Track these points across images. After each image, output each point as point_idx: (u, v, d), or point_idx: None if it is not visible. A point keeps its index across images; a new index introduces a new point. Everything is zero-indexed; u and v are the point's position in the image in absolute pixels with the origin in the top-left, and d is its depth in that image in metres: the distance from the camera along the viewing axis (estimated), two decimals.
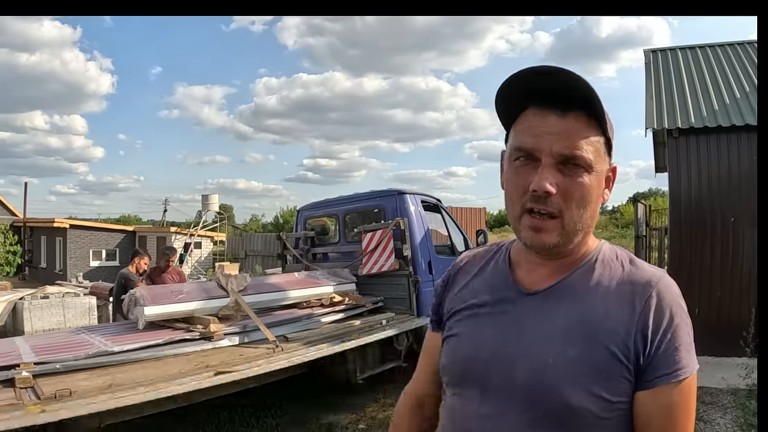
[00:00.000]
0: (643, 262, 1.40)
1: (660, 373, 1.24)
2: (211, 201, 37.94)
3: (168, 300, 6.00)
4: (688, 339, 1.29)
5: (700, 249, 9.50)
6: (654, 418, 1.25)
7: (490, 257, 1.58)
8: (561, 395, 1.24)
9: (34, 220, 37.92)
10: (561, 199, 1.28)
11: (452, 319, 1.53)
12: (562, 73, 1.28)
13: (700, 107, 10.03)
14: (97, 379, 4.56)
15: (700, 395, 7.43)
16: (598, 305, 1.31)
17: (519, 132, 1.34)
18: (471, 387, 1.39)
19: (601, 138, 1.35)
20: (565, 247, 1.35)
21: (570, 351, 1.27)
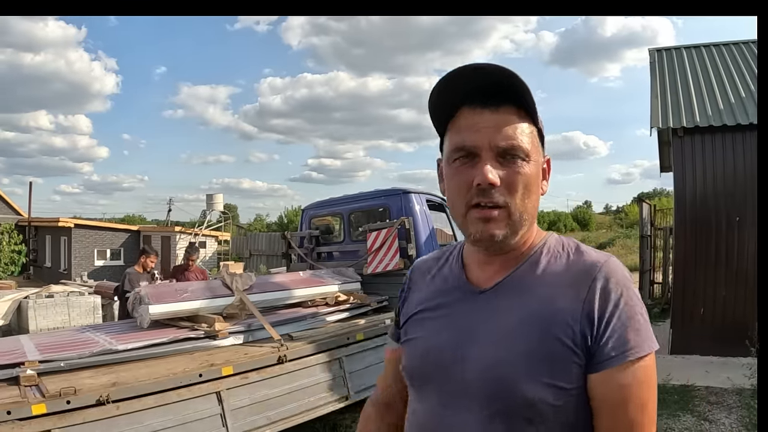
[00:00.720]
0: (589, 249, 1.42)
1: (609, 356, 1.23)
2: (215, 200, 38.01)
3: (172, 298, 5.99)
4: (638, 319, 1.27)
5: (705, 248, 9.49)
6: (606, 400, 1.25)
7: (444, 260, 1.60)
8: (517, 389, 1.25)
9: (38, 219, 37.99)
10: (505, 190, 1.30)
11: (409, 324, 1.55)
12: (492, 69, 1.29)
13: (705, 106, 10.03)
14: (102, 378, 4.55)
15: (706, 395, 7.44)
16: (545, 296, 1.32)
17: (456, 132, 1.36)
18: (430, 388, 1.41)
19: (534, 129, 1.37)
20: (512, 239, 1.35)
21: (522, 345, 1.28)
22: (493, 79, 1.29)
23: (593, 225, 63.85)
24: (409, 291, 1.64)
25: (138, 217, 76.62)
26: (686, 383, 7.89)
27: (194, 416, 4.61)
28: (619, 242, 34.49)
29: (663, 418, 6.75)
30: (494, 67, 1.29)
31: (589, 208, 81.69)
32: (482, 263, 1.45)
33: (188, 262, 9.73)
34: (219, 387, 4.82)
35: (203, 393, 4.66)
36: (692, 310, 9.57)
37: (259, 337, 6.02)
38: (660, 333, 11.01)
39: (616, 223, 59.40)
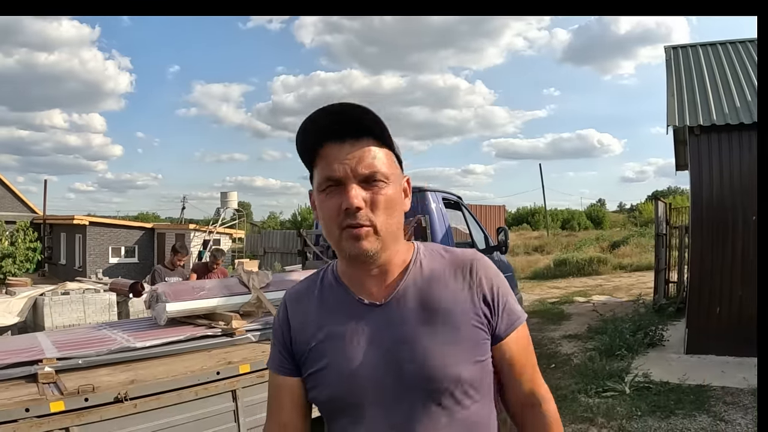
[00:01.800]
0: (453, 248, 1.74)
1: (509, 323, 1.63)
2: (229, 198, 38.04)
3: (190, 296, 5.99)
4: (511, 294, 1.67)
5: (721, 248, 9.44)
6: (514, 356, 1.64)
7: (319, 286, 1.72)
8: (451, 374, 1.50)
9: (53, 217, 38.19)
10: (370, 211, 1.49)
11: (312, 354, 1.63)
12: (349, 107, 1.47)
13: (721, 104, 9.97)
14: (120, 375, 4.56)
15: (722, 395, 7.42)
16: (442, 292, 1.59)
17: (323, 165, 1.52)
18: (370, 405, 1.54)
19: (392, 154, 1.58)
20: (384, 252, 1.55)
21: (439, 336, 1.53)
22: (351, 116, 1.48)
23: (607, 223, 63.57)
24: (294, 322, 1.71)
25: (152, 214, 76.84)
26: (702, 383, 7.85)
27: (208, 413, 4.62)
28: (633, 241, 34.21)
29: (679, 418, 6.74)
30: (351, 105, 1.47)
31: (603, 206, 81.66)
32: (364, 280, 1.61)
33: (214, 264, 10.00)
34: (235, 385, 4.82)
35: (220, 391, 4.66)
36: (708, 310, 9.51)
37: None
38: (676, 332, 11.00)
39: (630, 222, 59.11)
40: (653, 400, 7.30)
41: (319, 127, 1.51)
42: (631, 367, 8.90)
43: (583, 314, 14.87)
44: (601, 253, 31.38)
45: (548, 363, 9.81)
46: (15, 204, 43.58)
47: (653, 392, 7.63)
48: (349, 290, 1.63)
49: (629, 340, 10.08)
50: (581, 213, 68.39)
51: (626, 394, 7.61)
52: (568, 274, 26.36)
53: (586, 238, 41.92)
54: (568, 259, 28.12)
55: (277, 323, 1.76)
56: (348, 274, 1.65)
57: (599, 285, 22.12)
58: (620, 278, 24.37)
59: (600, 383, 8.03)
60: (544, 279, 25.84)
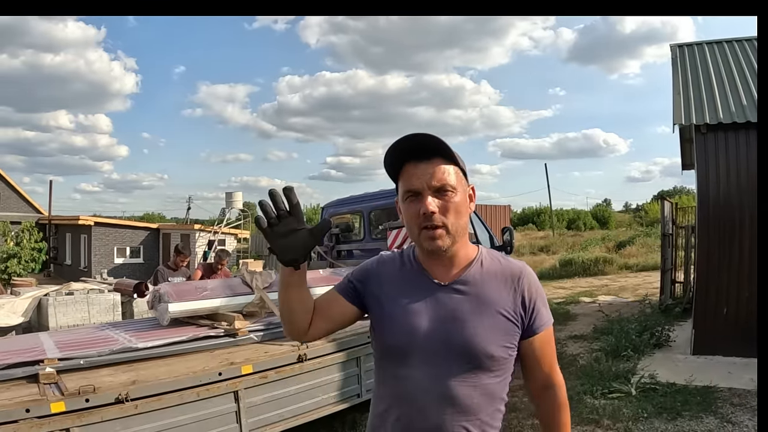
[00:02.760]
0: (509, 258, 2.15)
1: (539, 324, 2.05)
2: (235, 199, 38.07)
3: (192, 297, 5.97)
4: (545, 302, 2.10)
5: (728, 247, 9.36)
6: (540, 349, 2.08)
7: (403, 261, 2.15)
8: (486, 350, 1.94)
9: (59, 217, 38.23)
10: (442, 215, 1.93)
11: (383, 303, 2.07)
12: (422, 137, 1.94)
13: (728, 103, 9.91)
14: (122, 375, 4.55)
15: (729, 397, 7.37)
16: (493, 288, 2.02)
17: (405, 180, 1.98)
18: (419, 355, 1.96)
19: (458, 169, 2.01)
20: (453, 247, 1.99)
21: (485, 320, 1.96)
22: (425, 142, 1.94)
23: (613, 223, 63.41)
24: (378, 275, 2.14)
25: (157, 215, 76.85)
26: (709, 384, 7.79)
27: (210, 414, 4.60)
28: (639, 241, 34.10)
29: (686, 420, 6.68)
30: (424, 135, 1.94)
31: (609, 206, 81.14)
32: (436, 265, 2.05)
33: (219, 265, 9.99)
34: (237, 386, 4.81)
35: (222, 392, 4.64)
36: (715, 310, 9.43)
37: (279, 336, 5.99)
38: (682, 333, 10.93)
39: (636, 222, 59.02)
40: (660, 402, 7.24)
41: (401, 150, 1.96)
42: (637, 368, 8.84)
43: (589, 314, 14.81)
44: (607, 253, 31.30)
45: None
46: (20, 204, 43.67)
47: (659, 393, 7.57)
48: (423, 269, 2.07)
49: (635, 340, 10.02)
50: (587, 213, 68.29)
51: (632, 395, 7.56)
52: (574, 274, 26.29)
53: (592, 238, 41.85)
54: (573, 259, 28.06)
55: (364, 268, 2.20)
56: (423, 259, 2.08)
57: (605, 285, 22.04)
58: (626, 278, 24.28)
59: (606, 384, 7.97)
60: (549, 279, 25.74)
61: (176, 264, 9.64)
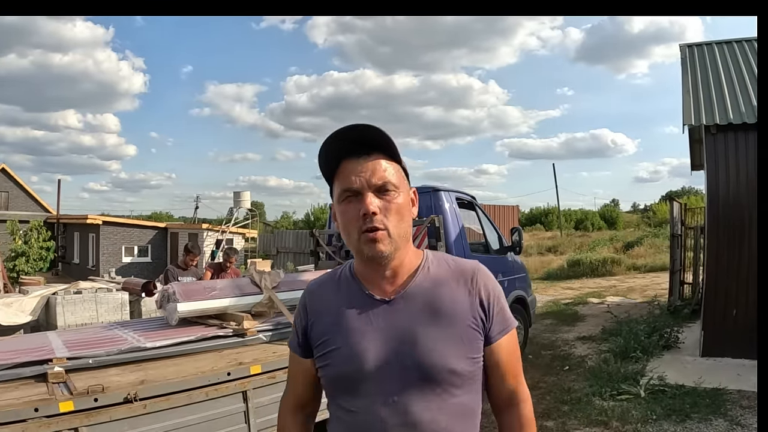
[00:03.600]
0: (458, 258, 1.97)
1: (500, 329, 1.85)
2: (242, 198, 38.09)
3: (201, 296, 5.97)
4: (505, 303, 1.90)
5: (737, 249, 9.33)
6: (501, 359, 1.86)
7: (337, 282, 1.95)
8: (446, 365, 1.73)
9: (67, 216, 38.40)
10: (384, 216, 1.73)
11: (326, 339, 1.87)
12: (362, 128, 1.75)
13: (738, 103, 9.87)
14: (130, 375, 4.54)
15: (738, 399, 7.34)
16: (445, 295, 1.81)
17: (342, 178, 1.78)
18: (371, 384, 1.76)
19: (399, 167, 1.83)
20: (396, 253, 1.79)
21: (441, 333, 1.76)
22: (363, 136, 1.76)
23: (621, 224, 63.31)
24: (312, 312, 1.95)
25: (165, 214, 77.06)
26: (718, 386, 7.76)
27: (219, 414, 4.59)
28: (648, 241, 34.00)
29: (695, 422, 6.66)
30: (363, 126, 1.75)
31: (617, 206, 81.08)
32: (378, 279, 1.84)
33: (228, 263, 10.00)
34: (246, 386, 4.79)
35: (231, 392, 4.63)
36: (724, 312, 9.40)
37: (288, 336, 5.97)
38: (691, 335, 10.91)
39: (644, 222, 58.91)
40: (669, 404, 7.22)
41: (336, 147, 1.77)
42: (646, 369, 8.82)
43: (597, 315, 14.78)
44: (615, 253, 31.24)
45: (562, 365, 9.75)
46: (29, 203, 43.93)
47: (668, 395, 7.55)
48: (362, 286, 1.86)
49: (644, 342, 10.00)
50: (595, 213, 68.23)
51: (641, 397, 7.54)
52: (582, 275, 26.26)
53: (600, 238, 41.76)
54: (581, 260, 28.02)
55: (298, 309, 2.01)
56: (363, 273, 1.87)
57: (613, 286, 22.00)
58: (634, 279, 24.23)
59: (615, 386, 7.95)
60: (557, 280, 25.76)
61: (186, 263, 9.64)
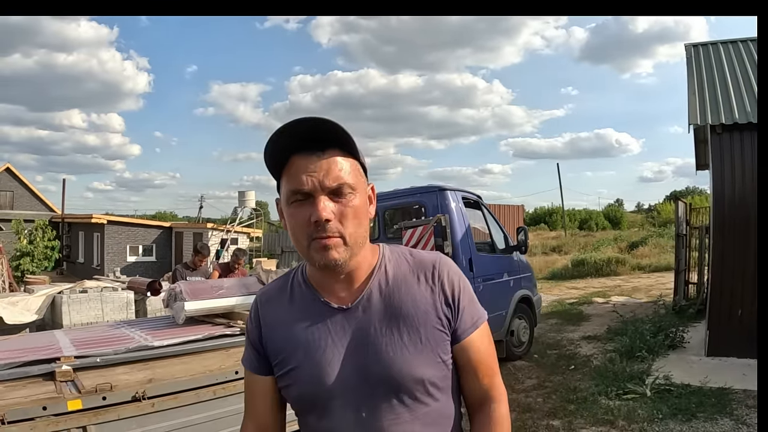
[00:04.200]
0: (419, 251, 1.81)
1: (467, 326, 1.69)
2: (247, 197, 38.12)
3: (208, 295, 5.98)
4: (473, 295, 1.75)
5: (743, 249, 9.30)
6: (473, 357, 1.70)
7: (290, 290, 1.79)
8: (413, 374, 1.59)
9: (72, 216, 38.49)
10: (338, 223, 1.55)
11: (284, 355, 1.71)
12: (314, 120, 1.55)
13: (743, 102, 9.86)
14: (138, 374, 4.55)
15: (744, 398, 7.34)
16: (405, 295, 1.66)
17: (291, 177, 1.58)
18: (337, 402, 1.63)
19: (357, 164, 1.64)
20: (352, 260, 1.62)
21: (403, 338, 1.61)
22: (317, 129, 1.55)
23: (625, 223, 63.18)
24: (265, 324, 1.78)
25: (170, 213, 77.13)
26: (723, 386, 7.76)
27: (226, 413, 4.60)
28: (652, 241, 33.98)
29: (701, 421, 6.66)
30: (316, 119, 1.55)
31: (621, 206, 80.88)
32: (333, 284, 1.69)
33: (236, 264, 10.02)
34: None
35: (238, 390, 4.62)
36: (729, 312, 9.40)
37: None
38: (696, 334, 10.90)
39: (648, 222, 58.80)
40: (674, 403, 7.23)
41: (286, 140, 1.57)
42: (651, 369, 8.83)
43: (602, 315, 14.79)
44: (620, 253, 31.23)
45: (568, 364, 9.75)
46: (34, 203, 44.03)
47: (674, 395, 7.56)
48: (317, 293, 1.71)
49: (649, 341, 10.00)
50: (599, 213, 68.05)
51: (647, 396, 7.54)
52: (586, 275, 26.26)
53: (604, 238, 41.72)
54: (586, 260, 28.00)
55: (249, 323, 1.84)
56: (317, 279, 1.72)
57: (618, 286, 22.00)
58: (639, 279, 24.24)
59: (620, 385, 7.96)
60: (562, 279, 25.77)
61: (195, 263, 9.69)
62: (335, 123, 1.56)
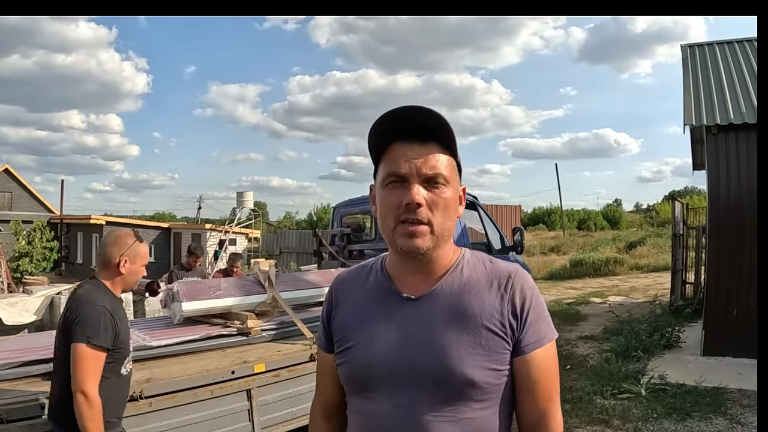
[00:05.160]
0: (498, 260, 1.78)
1: (531, 341, 1.63)
2: (245, 198, 38.04)
3: (205, 296, 6.00)
4: (546, 314, 1.70)
5: (739, 249, 9.34)
6: (531, 375, 1.64)
7: (366, 274, 1.84)
8: (464, 374, 1.56)
9: (70, 216, 38.48)
10: (428, 210, 1.59)
11: (345, 333, 1.77)
12: (420, 110, 1.59)
13: (739, 103, 9.89)
14: (135, 373, 4.55)
15: (739, 398, 7.36)
16: (474, 298, 1.65)
17: (389, 161, 1.63)
18: (382, 387, 1.65)
19: (453, 161, 1.67)
20: (435, 251, 1.64)
21: (461, 338, 1.60)
22: (421, 120, 1.60)
23: (623, 223, 63.14)
24: (337, 303, 1.85)
25: (168, 214, 76.94)
26: (719, 385, 7.80)
27: (223, 412, 4.63)
28: (650, 241, 33.96)
29: (695, 421, 6.70)
30: (420, 108, 1.59)
31: (620, 206, 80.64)
32: (408, 274, 1.72)
33: (233, 268, 10.05)
34: (250, 384, 4.84)
35: (235, 390, 4.68)
36: (725, 312, 9.43)
37: (291, 335, 6.03)
38: (692, 334, 10.93)
39: (647, 222, 58.78)
40: (669, 402, 7.27)
41: (390, 126, 1.62)
42: (647, 368, 8.86)
43: (600, 315, 14.81)
44: (618, 253, 31.22)
45: (564, 364, 9.75)
46: (32, 204, 43.94)
47: (669, 394, 7.60)
48: (390, 281, 1.74)
49: (645, 341, 10.04)
50: (597, 213, 68.00)
51: (642, 395, 7.58)
52: (584, 275, 26.26)
53: (603, 238, 41.70)
54: (584, 260, 28.02)
55: (324, 304, 1.92)
56: (393, 267, 1.76)
57: (615, 286, 22.02)
58: (637, 279, 24.25)
59: (616, 385, 7.98)
60: (560, 279, 25.76)
61: (189, 264, 9.70)
62: (439, 115, 1.60)
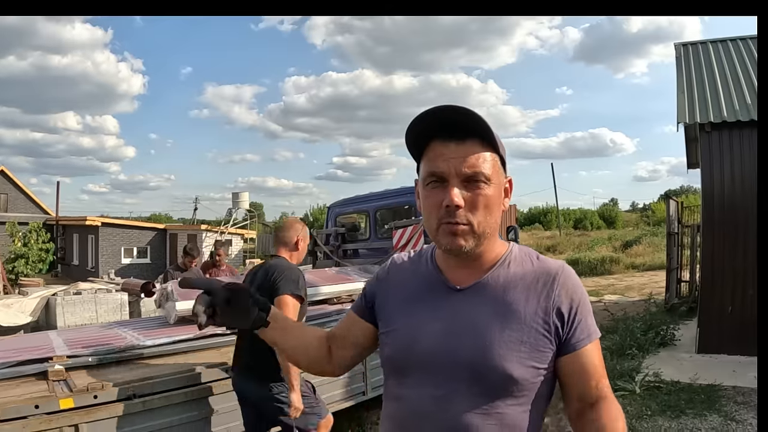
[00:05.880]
0: (546, 257, 1.80)
1: (580, 338, 1.65)
2: (241, 199, 38.13)
3: None
4: (591, 311, 1.73)
5: (733, 246, 9.35)
6: (580, 371, 1.65)
7: (418, 262, 1.88)
8: (503, 369, 1.57)
9: (66, 218, 38.48)
10: (468, 211, 1.60)
11: (389, 313, 1.82)
12: (458, 109, 1.60)
13: (732, 101, 9.89)
14: (129, 373, 4.58)
15: (733, 395, 7.36)
16: (519, 294, 1.66)
17: (429, 161, 1.66)
18: (420, 373, 1.67)
19: (496, 156, 1.68)
20: (477, 249, 1.67)
21: (504, 332, 1.61)
22: (459, 118, 1.61)
23: (620, 223, 63.27)
24: (387, 281, 1.91)
25: (164, 215, 77.05)
26: (713, 383, 7.80)
27: (217, 411, 4.64)
28: (646, 240, 34.06)
29: (690, 418, 6.70)
30: (457, 107, 1.60)
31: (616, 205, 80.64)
32: (456, 267, 1.75)
33: (217, 257, 9.91)
34: None
35: (229, 389, 4.67)
36: (720, 309, 9.44)
37: None
38: (687, 332, 10.94)
39: (643, 221, 58.84)
40: (664, 400, 7.26)
41: (428, 124, 1.64)
42: (641, 366, 8.84)
43: (595, 314, 14.33)
44: (614, 252, 31.34)
45: None
46: (28, 205, 43.94)
47: (664, 392, 7.60)
48: (439, 271, 1.78)
49: (640, 339, 10.04)
50: (594, 212, 68.09)
51: (636, 393, 7.57)
52: (581, 274, 25.86)
53: (599, 237, 41.81)
54: (580, 259, 28.10)
55: (375, 278, 1.97)
56: (442, 258, 1.80)
57: (611, 284, 22.07)
58: (632, 278, 24.32)
59: (610, 382, 7.96)
60: None
61: (185, 265, 9.69)
62: (475, 113, 1.61)
